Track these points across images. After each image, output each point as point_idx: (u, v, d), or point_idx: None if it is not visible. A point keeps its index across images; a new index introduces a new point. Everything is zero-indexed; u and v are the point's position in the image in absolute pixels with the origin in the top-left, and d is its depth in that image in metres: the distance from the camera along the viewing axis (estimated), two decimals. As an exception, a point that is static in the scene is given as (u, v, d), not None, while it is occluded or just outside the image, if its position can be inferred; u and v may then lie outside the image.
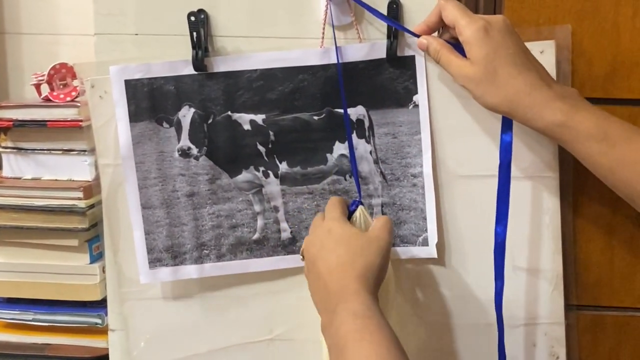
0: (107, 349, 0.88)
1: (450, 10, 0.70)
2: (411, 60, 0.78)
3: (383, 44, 0.77)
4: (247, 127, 0.80)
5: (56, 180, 0.90)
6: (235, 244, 0.82)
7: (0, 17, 1.05)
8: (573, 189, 0.80)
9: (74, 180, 0.89)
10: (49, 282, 0.89)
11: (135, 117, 0.79)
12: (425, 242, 0.81)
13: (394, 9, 0.76)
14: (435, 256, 0.81)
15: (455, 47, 0.72)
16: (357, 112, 0.80)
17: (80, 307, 0.90)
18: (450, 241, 0.82)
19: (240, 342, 0.86)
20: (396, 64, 0.78)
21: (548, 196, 0.80)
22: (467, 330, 0.83)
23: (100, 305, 0.89)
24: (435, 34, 0.75)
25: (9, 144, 0.91)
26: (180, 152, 0.80)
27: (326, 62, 0.78)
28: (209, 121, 0.80)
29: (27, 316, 0.91)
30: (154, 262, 0.82)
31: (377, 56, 0.78)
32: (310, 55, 0.78)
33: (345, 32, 0.79)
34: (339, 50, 0.77)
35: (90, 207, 0.87)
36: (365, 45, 0.78)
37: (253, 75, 0.79)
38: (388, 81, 0.79)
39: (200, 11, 0.78)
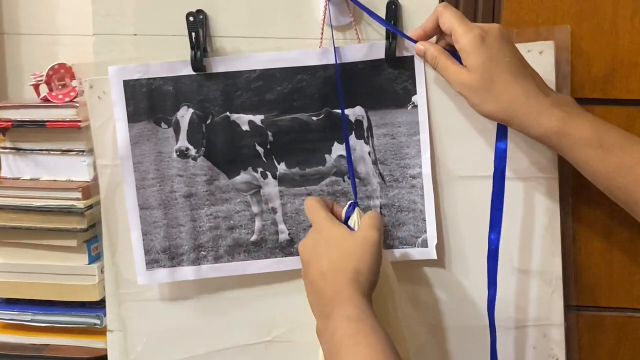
0: (106, 349, 0.88)
1: (448, 18, 0.70)
2: (410, 61, 0.78)
3: (382, 45, 0.77)
4: (245, 128, 0.80)
5: (55, 180, 0.89)
6: (233, 246, 0.82)
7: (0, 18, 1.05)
8: (572, 190, 0.80)
9: (72, 180, 0.89)
10: (48, 283, 0.89)
11: (133, 117, 0.79)
12: (424, 244, 0.81)
13: (392, 9, 0.76)
14: (435, 258, 0.81)
15: (452, 54, 0.71)
16: (356, 113, 0.80)
17: (79, 307, 0.90)
18: (450, 243, 0.82)
19: (238, 345, 0.86)
20: (395, 65, 0.78)
21: (547, 197, 0.79)
22: (467, 332, 0.83)
23: (99, 306, 0.89)
24: (432, 40, 0.75)
25: (8, 145, 0.91)
26: (178, 153, 0.80)
27: (325, 62, 0.78)
28: (208, 122, 0.80)
29: (26, 317, 0.91)
30: (152, 263, 0.82)
31: (376, 57, 0.78)
32: (309, 56, 0.78)
33: (345, 33, 0.79)
34: (338, 51, 0.77)
35: (89, 207, 0.87)
36: (365, 46, 0.78)
37: (252, 76, 0.79)
38: (387, 82, 0.79)
39: (199, 12, 0.78)
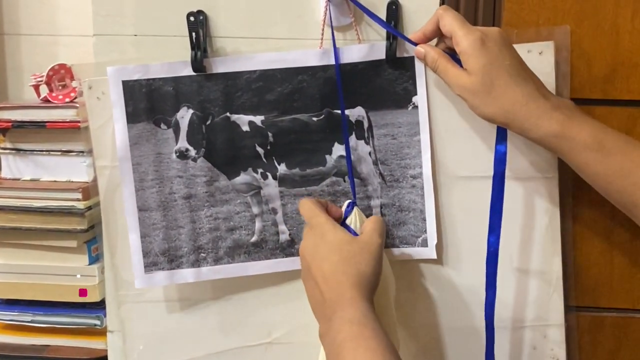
0: (106, 350, 0.88)
1: (448, 20, 0.70)
2: (410, 61, 0.77)
3: (382, 45, 0.77)
4: (245, 128, 0.80)
5: (55, 181, 0.89)
6: (233, 247, 0.82)
7: (-1, 18, 1.05)
8: (572, 190, 0.79)
9: (72, 181, 0.89)
10: (48, 284, 0.89)
11: (133, 118, 0.79)
12: (424, 243, 0.81)
13: (393, 10, 0.76)
14: (435, 257, 0.81)
15: (452, 56, 0.72)
16: (357, 113, 0.80)
17: (79, 308, 0.90)
18: (450, 242, 0.82)
19: (238, 346, 0.86)
20: (395, 65, 0.78)
21: (547, 197, 0.79)
22: (466, 332, 0.83)
23: (99, 306, 0.89)
24: (432, 42, 0.75)
25: (8, 145, 0.91)
26: (178, 154, 0.80)
27: (325, 63, 0.78)
28: (208, 122, 0.79)
29: (26, 317, 0.91)
30: (150, 266, 0.81)
31: (376, 57, 0.78)
32: (310, 56, 0.78)
33: (345, 33, 0.79)
34: (338, 52, 0.77)
35: (89, 208, 0.87)
36: (365, 46, 0.78)
37: (252, 76, 0.78)
38: (387, 82, 0.78)
39: (199, 12, 0.78)
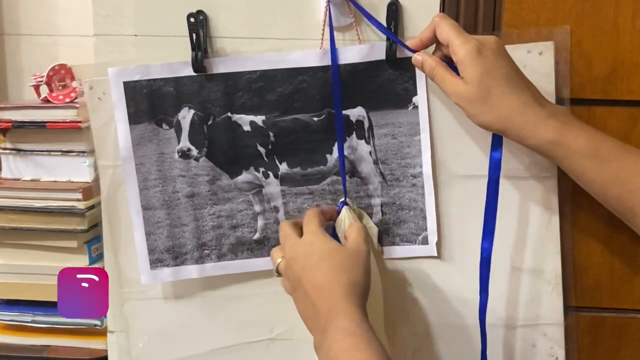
0: (106, 350, 0.88)
1: (444, 29, 0.70)
2: (410, 62, 0.77)
3: (382, 46, 0.77)
4: (246, 128, 0.80)
5: (55, 181, 0.89)
6: (236, 244, 0.82)
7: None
8: (572, 189, 0.79)
9: (73, 181, 0.89)
10: (48, 284, 0.88)
11: (134, 118, 0.79)
12: (425, 241, 0.81)
13: (393, 10, 0.76)
14: (435, 254, 0.82)
15: (448, 64, 0.72)
16: (357, 113, 0.80)
17: (79, 308, 0.90)
18: (450, 240, 0.82)
19: (240, 342, 0.86)
20: (395, 66, 0.78)
21: (547, 196, 0.80)
22: (466, 330, 0.83)
23: (100, 307, 0.89)
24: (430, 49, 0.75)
25: (8, 145, 0.91)
26: (180, 154, 0.80)
27: (326, 63, 0.78)
28: (209, 122, 0.80)
29: (26, 318, 0.91)
30: (155, 262, 0.82)
31: (376, 57, 0.78)
32: (310, 57, 0.78)
33: (345, 34, 0.79)
34: (339, 52, 0.77)
35: (90, 208, 0.87)
36: (365, 46, 0.78)
37: (253, 77, 0.79)
38: (387, 82, 0.79)
39: (200, 12, 0.78)
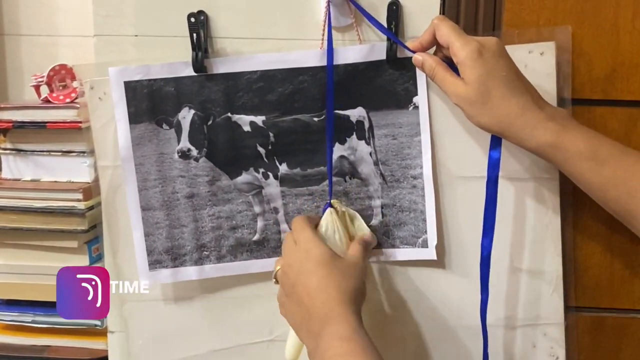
0: (107, 350, 0.88)
1: (444, 31, 0.70)
2: (411, 62, 0.77)
3: (383, 46, 0.77)
4: (247, 128, 0.80)
5: (55, 181, 0.89)
6: (236, 245, 0.82)
7: (0, 19, 1.05)
8: (573, 190, 0.79)
9: (73, 181, 0.89)
10: (49, 284, 0.88)
11: (135, 118, 0.79)
12: (424, 244, 0.81)
13: (393, 10, 0.76)
14: (435, 258, 0.81)
15: (449, 64, 0.72)
16: (357, 113, 0.80)
17: (79, 308, 0.90)
18: (450, 243, 0.82)
19: (240, 344, 0.86)
20: (396, 66, 0.78)
21: (548, 197, 0.80)
22: (466, 332, 0.83)
23: (100, 307, 0.89)
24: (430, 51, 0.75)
25: (8, 146, 0.91)
26: (180, 154, 0.80)
27: (326, 63, 0.78)
28: (209, 122, 0.80)
29: (27, 318, 0.91)
30: (154, 263, 0.82)
31: (377, 58, 0.78)
32: (310, 57, 0.78)
33: (345, 34, 0.79)
34: (339, 52, 0.77)
35: (90, 208, 0.87)
36: (365, 46, 0.78)
37: (253, 77, 0.79)
38: (388, 83, 0.79)
39: (200, 12, 0.78)
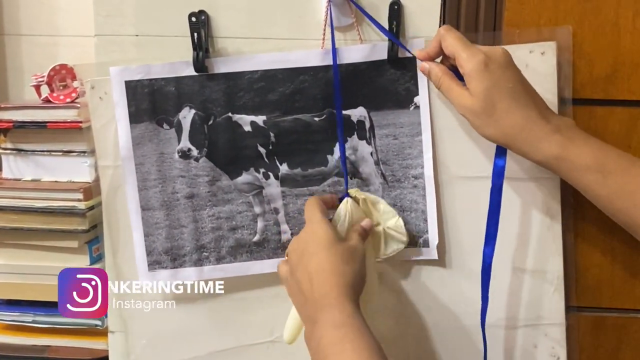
0: (107, 350, 0.88)
1: (450, 42, 0.70)
2: (412, 61, 0.78)
3: (384, 46, 0.77)
4: (247, 128, 0.80)
5: (56, 181, 0.89)
6: (235, 246, 0.82)
7: (0, 19, 1.05)
8: (574, 191, 0.79)
9: (73, 181, 0.89)
10: (49, 284, 0.89)
11: (135, 118, 0.79)
12: (425, 244, 0.81)
13: (395, 10, 0.76)
14: (436, 257, 0.81)
15: (455, 73, 0.71)
16: (358, 113, 0.80)
17: (80, 308, 0.90)
18: (451, 242, 0.82)
19: (240, 345, 0.86)
20: (397, 66, 0.78)
21: (549, 197, 0.80)
22: (467, 332, 0.83)
23: (100, 307, 0.89)
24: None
25: (9, 145, 0.91)
26: (180, 154, 0.80)
27: (327, 63, 0.78)
28: (210, 122, 0.80)
29: (27, 318, 0.91)
30: (153, 264, 0.82)
31: (378, 57, 0.78)
32: (311, 57, 0.78)
33: (346, 34, 0.79)
34: (340, 52, 0.77)
35: (90, 208, 0.87)
36: (366, 46, 0.78)
37: (254, 77, 0.79)
38: (389, 82, 0.79)
39: (201, 12, 0.78)
